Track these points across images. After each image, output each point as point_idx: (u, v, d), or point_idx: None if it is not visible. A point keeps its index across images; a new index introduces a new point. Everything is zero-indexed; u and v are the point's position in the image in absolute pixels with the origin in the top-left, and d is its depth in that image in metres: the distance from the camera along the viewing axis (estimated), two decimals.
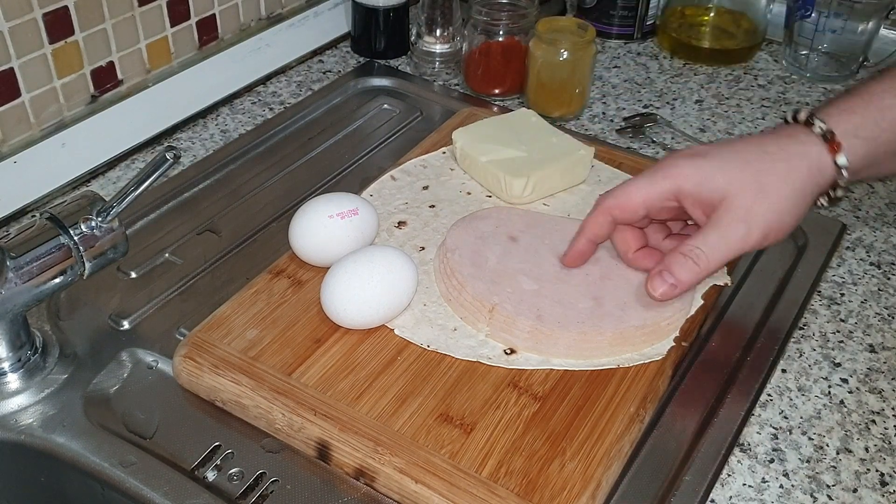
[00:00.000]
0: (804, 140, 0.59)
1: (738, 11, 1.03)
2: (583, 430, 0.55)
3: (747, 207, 0.58)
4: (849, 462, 0.57)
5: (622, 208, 0.62)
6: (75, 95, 0.79)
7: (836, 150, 0.58)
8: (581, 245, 0.64)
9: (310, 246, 0.66)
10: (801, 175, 0.58)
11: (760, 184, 0.58)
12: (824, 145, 0.58)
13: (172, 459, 0.56)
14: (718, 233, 0.58)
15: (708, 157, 0.59)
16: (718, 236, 0.58)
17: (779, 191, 0.58)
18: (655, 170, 0.61)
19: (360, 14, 0.98)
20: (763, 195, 0.58)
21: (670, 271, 0.59)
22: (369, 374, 0.58)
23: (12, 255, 0.56)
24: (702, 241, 0.59)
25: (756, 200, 0.58)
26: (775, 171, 0.58)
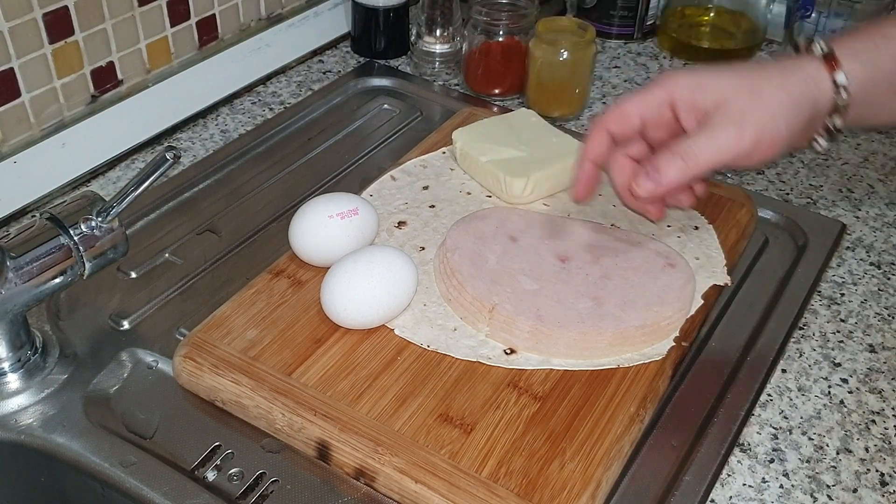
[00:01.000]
0: (803, 59, 0.59)
1: (738, 11, 1.03)
2: (583, 430, 0.55)
3: (740, 108, 0.57)
4: (849, 462, 0.57)
5: (618, 120, 0.61)
6: (75, 95, 0.79)
7: (835, 67, 0.58)
8: (586, 168, 0.63)
9: (310, 246, 0.66)
10: (797, 85, 0.57)
11: (754, 88, 0.57)
12: (822, 63, 0.58)
13: (172, 459, 0.56)
14: (709, 132, 0.57)
15: (704, 70, 0.59)
16: (709, 136, 0.57)
17: (773, 95, 0.57)
18: (650, 82, 0.61)
19: (360, 14, 0.98)
20: (757, 98, 0.57)
21: (656, 168, 0.57)
22: (369, 374, 0.58)
23: (12, 255, 0.56)
24: (692, 140, 0.57)
25: (749, 102, 0.57)
26: (770, 78, 0.57)
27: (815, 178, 0.83)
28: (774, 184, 0.82)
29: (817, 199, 0.80)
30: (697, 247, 0.70)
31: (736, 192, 0.76)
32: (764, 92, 0.57)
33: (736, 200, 0.75)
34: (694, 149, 0.57)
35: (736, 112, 0.57)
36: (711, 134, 0.57)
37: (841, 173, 0.84)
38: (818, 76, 0.58)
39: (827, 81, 0.58)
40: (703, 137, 0.57)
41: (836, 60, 0.58)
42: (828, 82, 0.58)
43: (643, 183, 0.58)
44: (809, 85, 0.58)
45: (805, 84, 0.58)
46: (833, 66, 0.58)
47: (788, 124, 0.57)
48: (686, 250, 0.69)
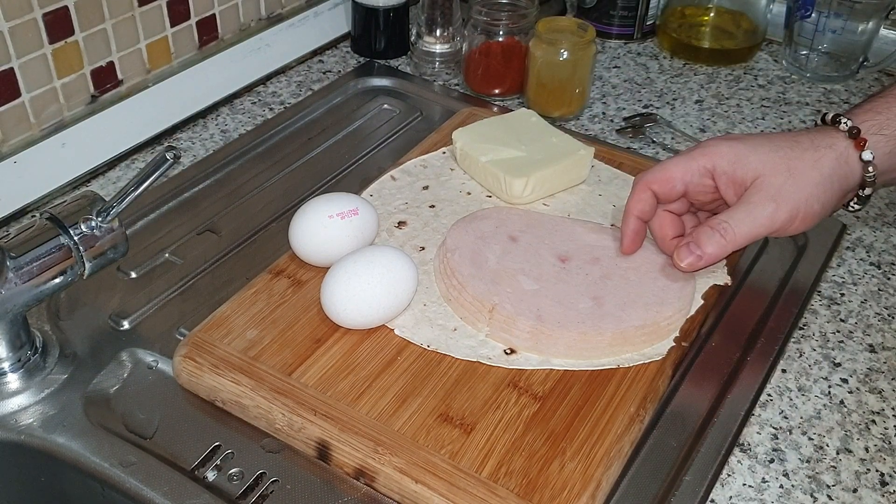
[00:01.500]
0: (832, 135, 0.62)
1: (738, 11, 1.03)
2: (583, 430, 0.55)
3: (777, 186, 0.60)
4: (849, 462, 0.57)
5: (661, 182, 0.64)
6: (75, 95, 0.79)
7: (862, 146, 0.61)
8: (632, 224, 0.66)
9: (310, 246, 0.66)
10: (829, 163, 0.61)
11: (790, 167, 0.60)
12: (850, 141, 0.61)
13: (172, 459, 0.56)
14: (747, 209, 0.61)
15: (743, 141, 0.63)
16: (746, 212, 0.61)
17: (807, 175, 0.60)
18: (693, 148, 0.64)
19: (360, 14, 0.98)
20: (792, 177, 0.60)
21: (697, 243, 0.62)
22: (369, 374, 0.58)
23: (12, 255, 0.56)
24: (729, 215, 0.61)
25: (786, 181, 0.60)
26: (804, 157, 0.61)
27: None
28: None
29: None
30: None
31: None
32: (799, 170, 0.61)
33: None
34: (732, 225, 0.61)
35: (772, 190, 0.60)
36: (749, 210, 0.61)
37: None
38: (847, 154, 0.61)
39: (855, 159, 0.62)
40: (741, 214, 0.61)
41: (863, 140, 0.61)
42: (856, 160, 0.62)
43: (685, 257, 0.62)
44: (840, 162, 0.61)
45: (836, 161, 0.61)
46: (860, 146, 0.61)
47: (821, 201, 0.61)
48: None
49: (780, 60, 1.02)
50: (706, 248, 0.61)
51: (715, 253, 0.61)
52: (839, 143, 0.62)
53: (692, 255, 0.62)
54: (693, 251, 0.62)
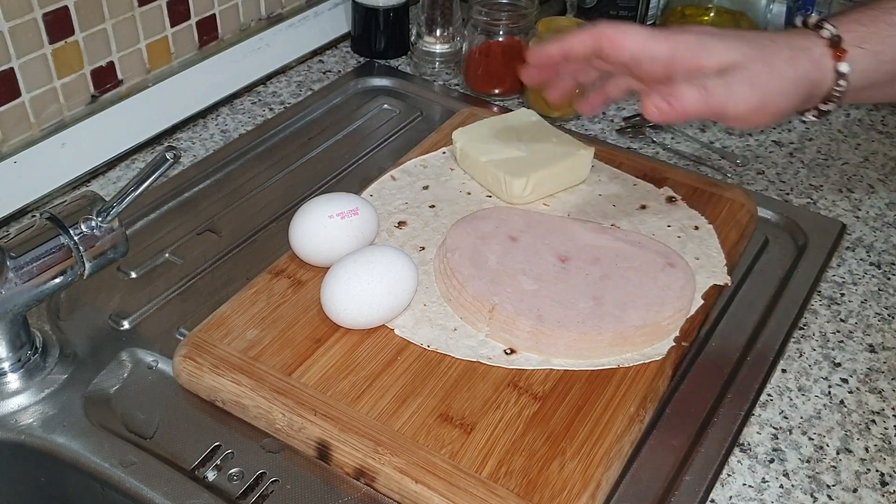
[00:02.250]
0: (811, 38, 0.60)
1: (738, 11, 1.03)
2: (583, 430, 0.55)
3: (754, 72, 0.58)
4: (849, 462, 0.57)
5: (612, 40, 0.60)
6: (75, 95, 0.79)
7: (840, 56, 0.59)
8: (553, 49, 0.62)
9: (310, 246, 0.66)
10: (803, 65, 0.59)
11: (766, 59, 0.58)
12: (829, 49, 0.59)
13: (172, 459, 0.56)
14: (725, 80, 0.58)
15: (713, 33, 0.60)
16: (724, 83, 0.58)
17: (782, 69, 0.58)
18: (660, 29, 0.61)
19: (360, 14, 0.98)
20: (768, 67, 0.58)
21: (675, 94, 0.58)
22: (369, 374, 0.58)
23: (12, 255, 0.56)
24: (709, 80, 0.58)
25: (762, 70, 0.58)
26: (780, 54, 0.59)
27: (815, 178, 0.83)
28: (774, 184, 0.82)
29: (817, 199, 0.80)
30: (697, 247, 0.70)
31: (736, 192, 0.76)
32: (775, 64, 0.58)
33: (736, 200, 0.75)
34: (712, 87, 0.58)
35: (749, 75, 0.58)
36: (728, 82, 0.58)
37: (841, 173, 0.84)
38: (822, 61, 0.59)
39: (830, 68, 0.59)
40: (720, 81, 0.58)
41: (843, 49, 0.59)
42: (830, 70, 0.59)
43: (657, 101, 0.58)
44: (814, 68, 0.59)
45: (810, 65, 0.59)
46: (838, 55, 0.59)
47: (789, 99, 0.59)
48: (686, 250, 0.69)
49: None
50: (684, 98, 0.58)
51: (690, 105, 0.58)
52: (816, 48, 0.59)
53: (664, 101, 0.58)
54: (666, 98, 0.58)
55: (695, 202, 0.74)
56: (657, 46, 0.59)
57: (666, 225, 0.72)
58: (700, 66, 0.58)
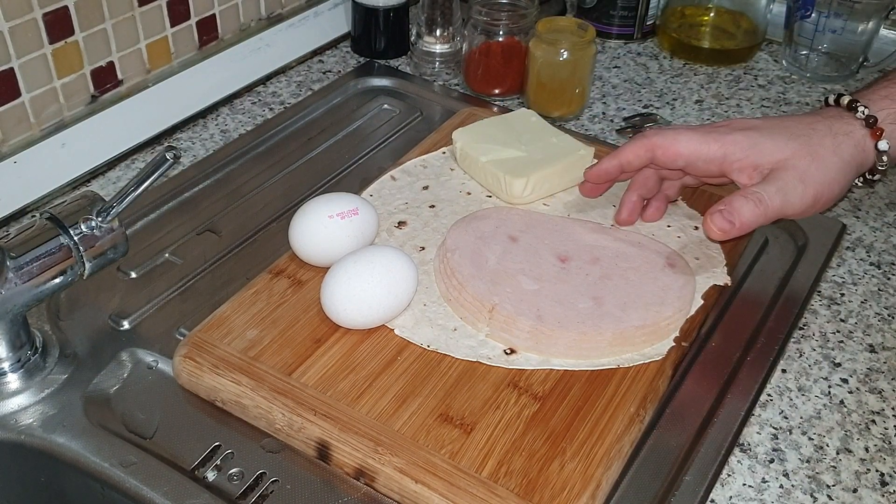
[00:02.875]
0: (848, 122, 0.63)
1: (738, 11, 1.03)
2: (583, 430, 0.55)
3: (803, 169, 0.61)
4: (849, 462, 0.57)
5: (666, 150, 0.64)
6: (75, 95, 0.79)
7: (878, 136, 0.62)
8: (610, 165, 0.67)
9: (310, 246, 0.66)
10: (848, 150, 0.62)
11: (812, 152, 0.61)
12: (866, 130, 0.63)
13: (172, 459, 0.56)
14: (778, 185, 0.61)
15: (758, 129, 0.63)
16: (778, 188, 0.61)
17: (829, 160, 0.61)
18: (708, 130, 0.64)
19: (360, 14, 0.98)
20: (815, 162, 0.61)
21: (731, 210, 0.61)
22: (369, 374, 0.58)
23: (12, 255, 0.56)
24: (762, 188, 0.61)
25: (810, 165, 0.61)
26: (824, 143, 0.62)
27: None
28: None
29: None
30: (697, 247, 0.70)
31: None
32: (821, 156, 0.62)
33: None
34: (766, 197, 0.61)
35: (800, 172, 0.61)
36: (780, 187, 0.61)
37: None
38: (864, 143, 0.63)
39: (871, 147, 0.63)
40: (773, 188, 0.61)
41: (880, 129, 0.63)
42: (871, 149, 0.63)
43: (718, 222, 0.61)
44: (858, 150, 0.63)
45: (855, 150, 0.63)
46: (876, 135, 0.63)
47: (841, 186, 0.63)
48: (686, 250, 0.69)
49: (780, 60, 1.02)
50: (741, 215, 0.60)
51: (749, 220, 0.61)
52: (856, 132, 0.62)
53: (726, 221, 0.61)
54: (727, 217, 0.61)
55: (695, 202, 0.74)
56: (710, 149, 0.63)
57: (666, 225, 0.72)
58: (754, 164, 0.62)
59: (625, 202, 0.70)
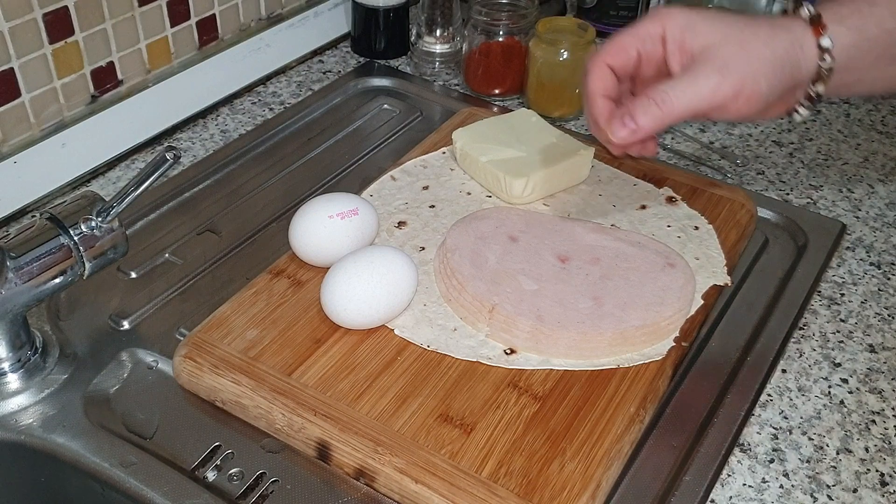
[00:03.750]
0: (791, 19, 0.59)
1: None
2: (583, 431, 0.55)
3: (724, 58, 0.57)
4: (849, 462, 0.57)
5: (615, 53, 0.61)
6: (75, 95, 0.79)
7: (821, 31, 0.58)
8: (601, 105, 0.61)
9: (310, 246, 0.66)
10: (782, 44, 0.58)
11: (741, 40, 0.57)
12: (809, 26, 0.58)
13: (172, 459, 0.56)
14: (689, 78, 0.57)
15: (698, 11, 0.59)
16: (688, 82, 0.57)
17: (758, 50, 0.57)
18: (645, 15, 0.61)
19: (360, 14, 0.98)
20: (742, 50, 0.57)
21: (631, 115, 0.58)
22: (369, 374, 0.58)
23: (12, 255, 0.56)
24: (670, 85, 0.57)
25: (735, 53, 0.57)
26: (758, 34, 0.58)
27: (815, 178, 0.83)
28: (774, 184, 0.82)
29: (817, 199, 0.80)
30: (697, 247, 0.70)
31: (736, 192, 0.76)
32: (750, 45, 0.57)
33: (736, 200, 0.75)
34: (670, 94, 0.57)
35: (720, 60, 0.57)
36: (691, 80, 0.57)
37: (841, 173, 0.84)
38: (804, 39, 0.58)
39: (812, 45, 0.58)
40: (681, 83, 0.57)
41: (823, 25, 0.58)
42: (813, 46, 0.58)
43: (618, 130, 0.58)
44: (795, 46, 0.58)
45: (791, 44, 0.58)
46: (819, 31, 0.58)
47: (769, 81, 0.57)
48: (686, 250, 0.69)
49: None
50: (640, 120, 0.57)
51: (650, 125, 0.57)
52: (797, 27, 0.58)
53: (626, 127, 0.58)
54: (627, 124, 0.57)
55: (695, 202, 0.74)
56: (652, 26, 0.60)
57: (666, 225, 0.72)
58: (684, 47, 0.58)
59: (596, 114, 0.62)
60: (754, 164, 0.84)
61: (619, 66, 0.61)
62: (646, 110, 0.57)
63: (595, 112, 0.61)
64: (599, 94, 0.61)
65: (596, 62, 0.61)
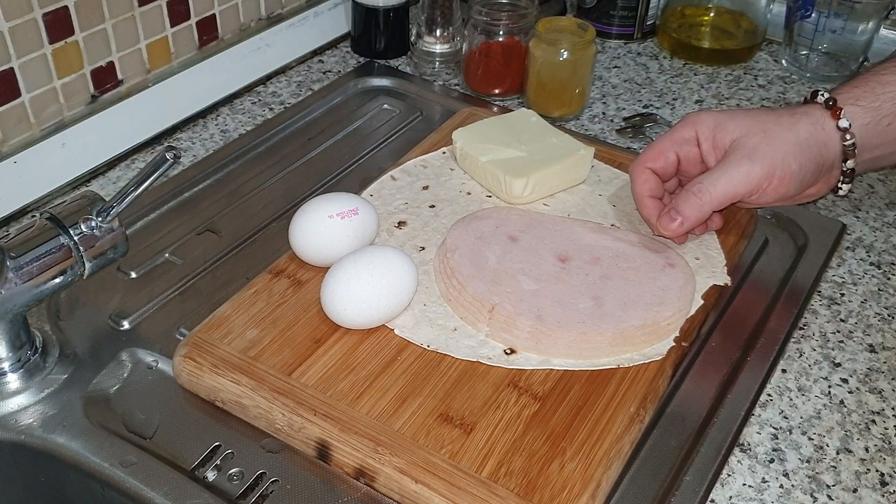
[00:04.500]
0: (809, 106, 0.65)
1: (738, 11, 1.03)
2: (583, 430, 0.55)
3: (752, 146, 0.63)
4: (849, 462, 0.57)
5: (654, 158, 0.67)
6: (75, 95, 0.79)
7: (838, 114, 0.63)
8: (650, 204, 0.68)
9: (310, 246, 0.66)
10: (804, 127, 0.63)
11: (766, 129, 0.63)
12: (826, 111, 0.64)
13: (172, 459, 0.56)
14: (723, 169, 0.63)
15: (723, 112, 0.66)
16: (722, 172, 0.63)
17: (782, 136, 0.63)
18: (676, 123, 0.68)
19: (360, 14, 0.98)
20: (767, 137, 0.63)
21: (676, 208, 0.64)
22: (369, 374, 0.58)
23: (12, 255, 0.56)
24: (705, 177, 0.64)
25: (761, 141, 0.63)
26: (780, 122, 0.64)
27: None
28: None
29: (817, 199, 0.80)
30: (697, 247, 0.70)
31: None
32: (774, 132, 0.63)
33: None
34: (706, 185, 0.64)
35: (748, 149, 0.63)
36: (724, 170, 0.63)
37: None
38: (823, 121, 0.64)
39: (832, 126, 0.64)
40: (714, 173, 0.64)
41: (839, 108, 0.64)
42: (833, 127, 0.64)
43: (667, 224, 0.65)
44: (817, 128, 0.64)
45: (812, 127, 0.64)
46: (836, 113, 0.64)
47: (798, 161, 0.63)
48: (686, 250, 0.69)
49: (780, 60, 1.02)
50: (684, 211, 0.64)
51: (693, 214, 0.64)
52: (815, 112, 0.64)
53: (673, 220, 0.64)
54: (673, 217, 0.64)
55: None
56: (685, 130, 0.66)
57: None
58: (717, 144, 0.65)
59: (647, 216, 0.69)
60: None
61: (660, 168, 0.68)
62: (686, 202, 0.64)
63: (645, 213, 0.68)
64: (646, 195, 0.68)
65: (638, 167, 0.68)
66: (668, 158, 0.67)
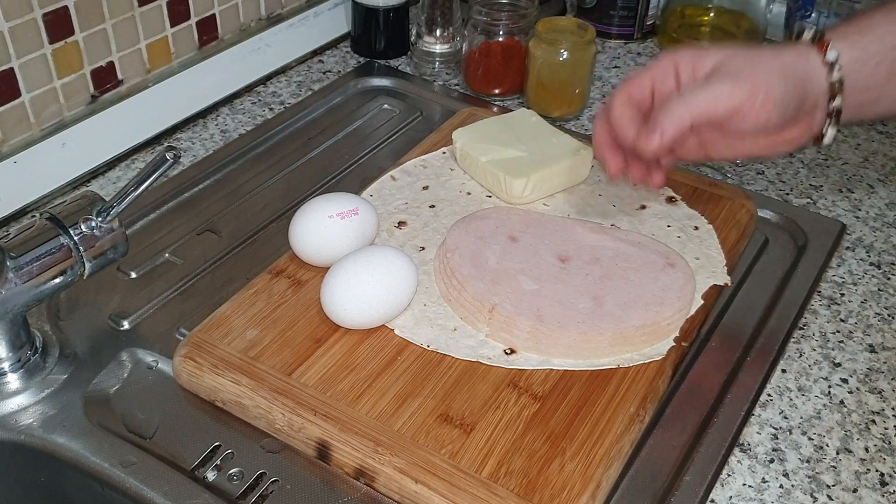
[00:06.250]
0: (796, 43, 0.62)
1: (738, 11, 1.03)
2: (583, 430, 0.55)
3: (736, 67, 0.59)
4: (849, 462, 0.57)
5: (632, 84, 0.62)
6: (75, 95, 0.79)
7: (824, 49, 0.60)
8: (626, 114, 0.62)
9: (310, 246, 0.66)
10: (789, 55, 0.60)
11: (748, 55, 0.60)
12: (813, 45, 0.61)
13: (172, 459, 0.56)
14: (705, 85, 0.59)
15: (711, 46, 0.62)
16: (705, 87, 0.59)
17: (766, 61, 0.60)
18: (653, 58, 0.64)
19: (360, 14, 0.98)
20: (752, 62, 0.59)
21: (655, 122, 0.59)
22: (369, 374, 0.58)
23: (12, 255, 0.56)
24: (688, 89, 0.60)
25: (745, 64, 0.59)
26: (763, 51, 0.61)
27: (815, 178, 0.83)
28: (774, 184, 0.82)
29: (817, 199, 0.80)
30: (697, 247, 0.70)
31: (736, 192, 0.76)
32: (758, 58, 0.60)
33: (736, 200, 0.75)
34: (688, 96, 0.59)
35: (732, 70, 0.59)
36: (706, 86, 0.59)
37: (841, 173, 0.84)
38: (809, 55, 0.60)
39: (818, 62, 0.60)
40: (696, 87, 0.59)
41: (826, 41, 0.60)
42: (819, 63, 0.60)
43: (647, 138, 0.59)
44: (801, 58, 0.60)
45: (797, 56, 0.60)
46: (823, 47, 0.60)
47: (782, 87, 0.59)
48: (686, 250, 0.69)
49: None
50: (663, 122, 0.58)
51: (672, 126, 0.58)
52: (801, 46, 0.61)
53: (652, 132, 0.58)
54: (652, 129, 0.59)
55: (695, 202, 0.74)
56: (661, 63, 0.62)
57: (666, 225, 0.72)
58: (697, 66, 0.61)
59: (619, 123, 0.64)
60: (754, 164, 0.84)
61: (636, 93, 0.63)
62: (667, 113, 0.58)
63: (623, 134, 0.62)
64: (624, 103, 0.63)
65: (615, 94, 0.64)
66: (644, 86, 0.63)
